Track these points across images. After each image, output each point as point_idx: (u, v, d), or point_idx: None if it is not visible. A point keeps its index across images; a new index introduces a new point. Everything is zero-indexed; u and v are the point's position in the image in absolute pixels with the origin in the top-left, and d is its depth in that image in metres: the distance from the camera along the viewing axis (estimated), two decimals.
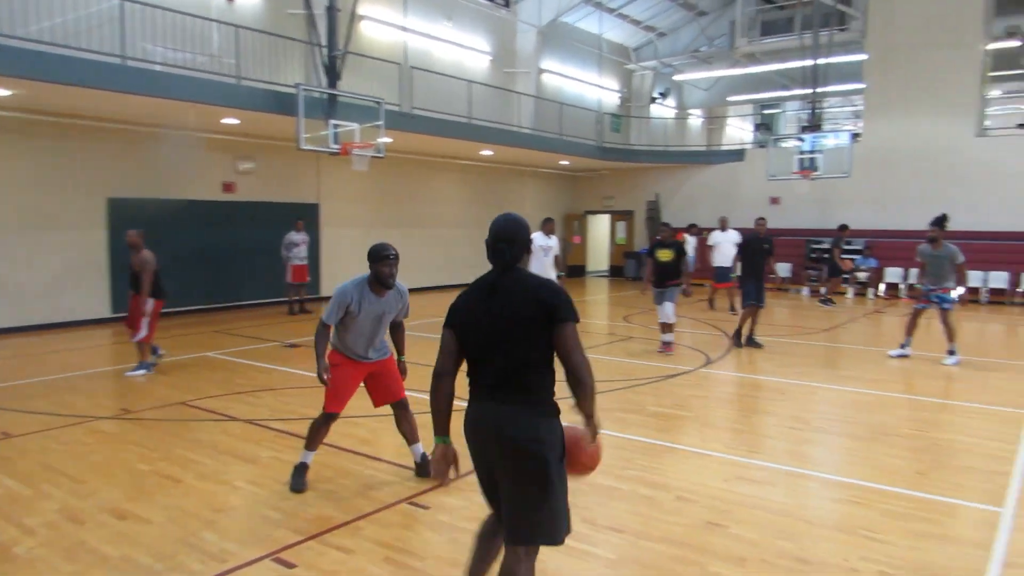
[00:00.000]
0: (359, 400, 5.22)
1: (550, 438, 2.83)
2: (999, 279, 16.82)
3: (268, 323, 12.88)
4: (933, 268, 9.51)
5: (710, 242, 14.73)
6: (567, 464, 2.92)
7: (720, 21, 24.57)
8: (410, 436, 5.10)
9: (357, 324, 4.77)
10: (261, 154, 15.00)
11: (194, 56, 12.22)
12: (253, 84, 12.22)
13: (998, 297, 16.83)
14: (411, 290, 5.26)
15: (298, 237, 13.81)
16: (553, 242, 10.82)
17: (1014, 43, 19.61)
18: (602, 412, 6.58)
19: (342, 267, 15.69)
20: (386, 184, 17.74)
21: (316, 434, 4.91)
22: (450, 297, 3.12)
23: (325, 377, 4.72)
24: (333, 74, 12.80)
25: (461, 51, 19.15)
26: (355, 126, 12.59)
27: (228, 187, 14.55)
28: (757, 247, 10.40)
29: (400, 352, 5.14)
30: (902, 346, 9.80)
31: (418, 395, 5.51)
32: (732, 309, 14.02)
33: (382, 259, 4.62)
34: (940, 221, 9.46)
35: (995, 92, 23.71)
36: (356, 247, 16.99)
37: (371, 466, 5.35)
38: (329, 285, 15.79)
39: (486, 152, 18.57)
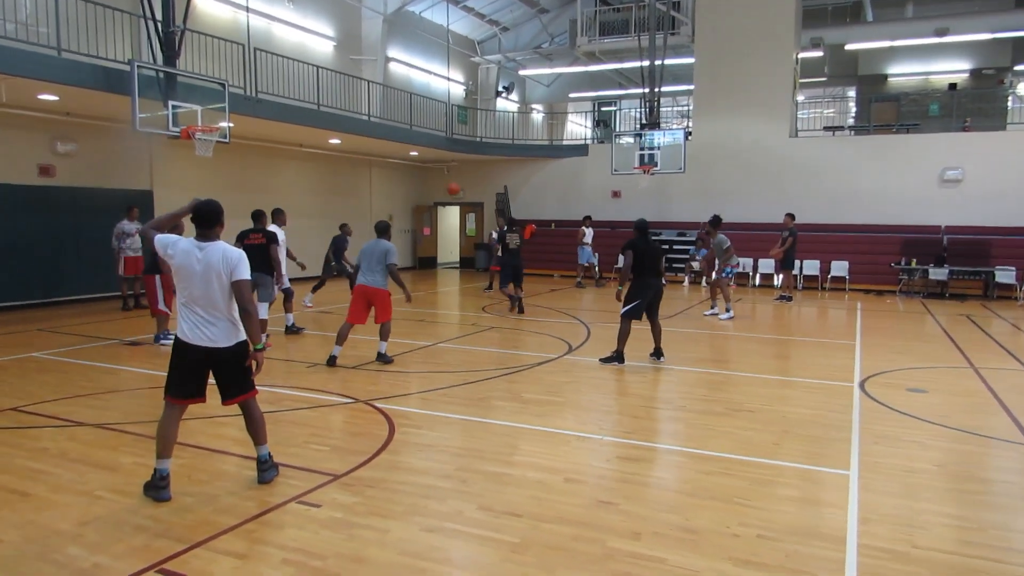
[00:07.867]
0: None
1: None
2: (810, 267, 18.59)
3: (100, 320, 11.76)
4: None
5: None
6: None
7: (561, 19, 25.39)
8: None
9: None
10: (84, 135, 13.65)
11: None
12: (75, 57, 11.07)
13: (811, 283, 18.62)
14: None
15: (131, 227, 12.68)
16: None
17: (817, 53, 21.81)
18: (479, 400, 6.66)
19: None
20: (227, 172, 16.65)
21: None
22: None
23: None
24: (171, 51, 11.88)
25: (304, 35, 18.45)
26: (197, 108, 11.78)
27: (45, 170, 13.13)
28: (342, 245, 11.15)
29: None
30: (727, 309, 12.97)
31: None
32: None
33: None
34: (715, 221, 13.55)
35: (801, 97, 26.19)
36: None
37: (247, 466, 5.04)
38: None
39: (334, 140, 18.01)
